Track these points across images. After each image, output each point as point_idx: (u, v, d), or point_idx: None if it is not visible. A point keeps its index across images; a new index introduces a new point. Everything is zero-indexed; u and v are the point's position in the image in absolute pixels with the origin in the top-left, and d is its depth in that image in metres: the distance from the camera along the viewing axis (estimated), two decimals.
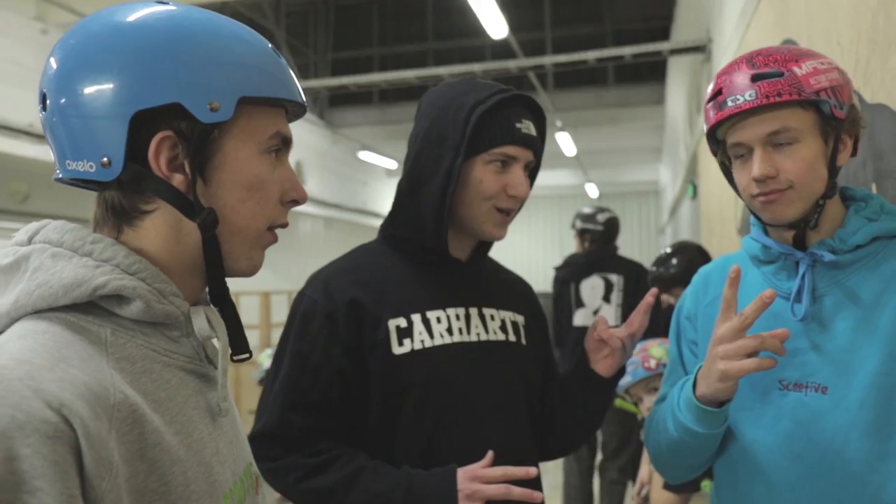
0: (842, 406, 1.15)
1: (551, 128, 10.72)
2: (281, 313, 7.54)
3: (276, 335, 7.92)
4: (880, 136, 1.50)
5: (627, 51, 6.81)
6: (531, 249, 16.60)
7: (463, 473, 1.29)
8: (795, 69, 1.16)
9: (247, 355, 0.88)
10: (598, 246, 4.36)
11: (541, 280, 14.70)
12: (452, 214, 1.41)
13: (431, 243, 1.41)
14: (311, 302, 1.40)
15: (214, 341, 0.86)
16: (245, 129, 0.82)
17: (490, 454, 1.32)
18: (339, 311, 1.36)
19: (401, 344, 1.37)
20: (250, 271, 0.87)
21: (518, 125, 1.39)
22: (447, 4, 11.85)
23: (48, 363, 0.66)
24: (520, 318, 1.52)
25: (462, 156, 1.37)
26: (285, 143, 0.87)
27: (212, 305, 0.88)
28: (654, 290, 1.47)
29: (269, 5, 11.14)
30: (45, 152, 6.68)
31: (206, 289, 0.87)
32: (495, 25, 6.28)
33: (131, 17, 0.79)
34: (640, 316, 1.46)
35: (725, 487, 1.30)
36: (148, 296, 0.76)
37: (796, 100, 1.14)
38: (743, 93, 1.17)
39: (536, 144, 1.44)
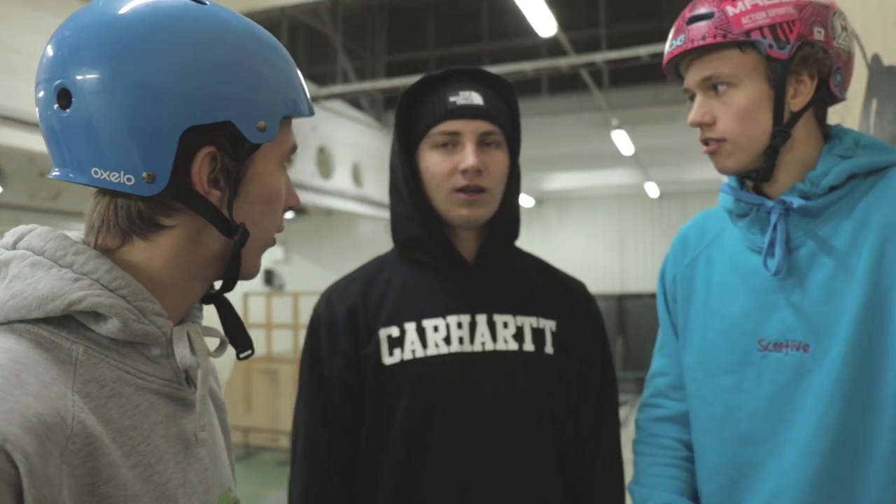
0: (825, 363, 1.08)
1: (606, 126, 10.62)
2: None
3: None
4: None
5: None
6: (589, 251, 16.29)
7: None
8: (728, 8, 1.11)
9: (250, 351, 0.85)
10: None
11: (599, 282, 14.56)
12: (433, 210, 1.36)
13: (433, 238, 1.35)
14: (315, 317, 1.41)
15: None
16: (273, 145, 0.80)
17: None
18: (339, 322, 1.36)
19: (391, 354, 1.32)
20: (253, 277, 0.86)
21: (452, 98, 1.32)
22: (501, 5, 11.83)
23: (1, 391, 0.62)
24: (548, 324, 1.38)
25: (403, 146, 1.35)
26: (294, 152, 0.86)
27: (202, 310, 0.87)
28: None
29: (326, 10, 11.32)
30: None
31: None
32: (543, 23, 6.25)
33: (181, 16, 0.74)
34: None
35: (711, 452, 1.24)
36: (126, 314, 0.72)
37: (726, 41, 1.10)
38: (676, 37, 1.16)
39: (487, 113, 1.32)
